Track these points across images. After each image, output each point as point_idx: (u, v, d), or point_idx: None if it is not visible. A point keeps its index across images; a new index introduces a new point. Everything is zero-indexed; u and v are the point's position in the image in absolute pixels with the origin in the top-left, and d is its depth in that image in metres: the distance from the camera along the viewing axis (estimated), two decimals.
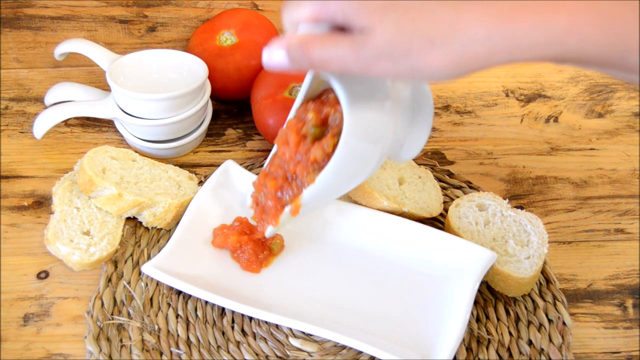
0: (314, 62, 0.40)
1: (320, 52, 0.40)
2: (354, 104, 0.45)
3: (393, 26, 0.38)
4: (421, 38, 0.38)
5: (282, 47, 0.41)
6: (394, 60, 0.39)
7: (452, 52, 0.38)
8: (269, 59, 0.42)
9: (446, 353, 0.50)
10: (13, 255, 0.62)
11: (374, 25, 0.38)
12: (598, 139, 0.78)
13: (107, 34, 0.83)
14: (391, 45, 0.38)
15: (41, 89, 0.81)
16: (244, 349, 0.55)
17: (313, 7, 0.41)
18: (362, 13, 0.39)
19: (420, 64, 0.38)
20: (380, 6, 0.38)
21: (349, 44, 0.39)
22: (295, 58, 0.41)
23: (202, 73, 0.70)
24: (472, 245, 0.58)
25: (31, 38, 0.83)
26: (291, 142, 0.52)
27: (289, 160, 0.53)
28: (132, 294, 0.58)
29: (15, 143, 0.74)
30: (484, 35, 0.37)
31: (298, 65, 0.41)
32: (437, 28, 0.38)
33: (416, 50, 0.38)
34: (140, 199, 0.60)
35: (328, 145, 0.49)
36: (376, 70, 0.40)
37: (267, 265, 0.59)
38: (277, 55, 0.42)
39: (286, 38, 0.41)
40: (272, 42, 0.42)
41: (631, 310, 0.60)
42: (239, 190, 0.64)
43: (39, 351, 0.55)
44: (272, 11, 0.84)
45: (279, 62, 0.42)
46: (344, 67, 0.40)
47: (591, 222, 0.68)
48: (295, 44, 0.41)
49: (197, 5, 0.83)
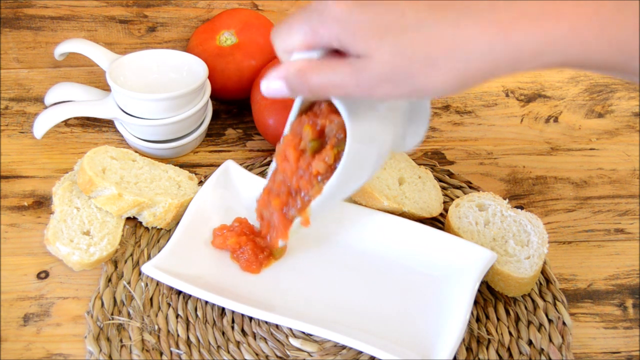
0: (314, 89, 0.40)
1: (319, 79, 0.39)
2: (353, 110, 0.45)
3: (391, 50, 0.37)
4: (422, 59, 0.37)
5: (280, 78, 0.41)
6: (395, 83, 0.38)
7: (454, 70, 0.37)
8: (267, 89, 0.42)
9: (446, 353, 0.50)
10: (13, 255, 0.62)
11: (371, 51, 0.37)
12: (598, 139, 0.78)
13: (107, 34, 0.83)
14: (391, 69, 0.37)
15: (41, 89, 0.81)
16: (244, 349, 0.55)
17: (304, 34, 0.40)
18: (359, 39, 0.38)
19: (422, 85, 0.38)
20: (374, 30, 0.37)
21: (348, 69, 0.39)
22: (294, 87, 0.41)
23: (202, 73, 0.70)
24: (472, 245, 0.58)
25: (31, 38, 0.83)
26: (291, 159, 0.52)
27: (290, 176, 0.52)
28: (132, 294, 0.58)
29: (15, 143, 0.74)
30: (485, 49, 0.37)
31: (298, 93, 0.41)
32: (437, 47, 0.37)
33: (417, 71, 0.37)
34: (140, 199, 0.60)
35: (329, 157, 0.49)
36: (378, 94, 0.39)
37: (267, 266, 0.59)
38: (276, 85, 0.41)
39: (283, 67, 0.41)
40: (269, 72, 0.42)
41: (631, 310, 0.60)
42: (239, 190, 0.64)
43: (39, 351, 0.55)
44: (272, 11, 0.84)
45: (277, 91, 0.41)
46: (344, 92, 0.40)
47: (591, 222, 0.68)
48: (293, 73, 0.40)
49: (197, 5, 0.83)
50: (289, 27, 0.42)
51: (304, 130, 0.51)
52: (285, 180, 0.54)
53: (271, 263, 0.59)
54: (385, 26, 0.37)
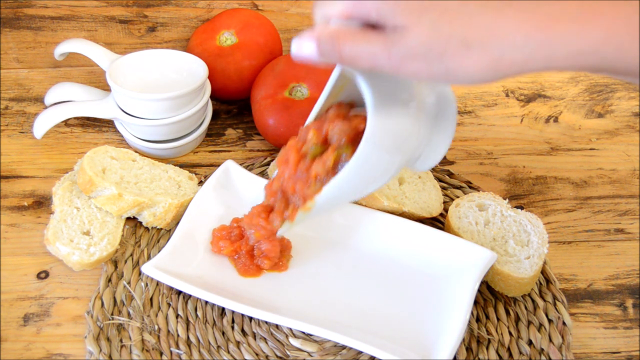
0: (344, 57, 0.39)
1: (352, 47, 0.39)
2: (380, 103, 0.44)
3: (429, 27, 0.37)
4: (458, 40, 0.37)
5: (312, 39, 0.40)
6: (428, 61, 0.38)
7: (488, 56, 0.37)
8: (298, 50, 0.41)
9: (446, 353, 0.50)
10: (13, 255, 0.62)
11: (409, 25, 0.37)
12: (598, 139, 0.78)
13: (107, 34, 0.83)
14: (426, 45, 0.37)
15: (41, 89, 0.81)
16: (244, 349, 0.55)
17: (346, 2, 0.40)
18: (398, 12, 0.38)
19: (455, 67, 0.38)
20: (417, 6, 0.37)
21: (382, 41, 0.38)
22: (325, 51, 0.40)
23: (202, 73, 0.70)
24: (472, 245, 0.58)
25: (31, 38, 0.83)
26: (291, 161, 0.51)
27: (288, 179, 0.52)
28: (132, 294, 0.58)
29: (15, 143, 0.74)
30: (521, 42, 0.37)
31: (327, 58, 0.40)
32: (475, 31, 0.37)
33: (452, 52, 0.37)
34: (140, 199, 0.60)
35: (329, 160, 0.48)
36: (408, 70, 0.38)
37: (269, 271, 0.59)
38: (307, 46, 0.40)
39: (317, 30, 0.40)
40: (302, 33, 0.41)
41: (631, 310, 0.60)
42: (239, 190, 0.64)
43: (39, 351, 0.55)
44: (272, 11, 0.84)
45: (308, 53, 0.41)
46: (374, 64, 0.39)
47: (591, 222, 0.68)
48: (327, 36, 0.40)
49: (197, 5, 0.83)
50: None
51: (309, 134, 0.51)
52: (282, 185, 0.53)
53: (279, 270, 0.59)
54: (428, 3, 0.37)
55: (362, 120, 0.48)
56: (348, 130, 0.48)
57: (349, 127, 0.48)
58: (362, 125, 0.48)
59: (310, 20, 0.85)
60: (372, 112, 0.43)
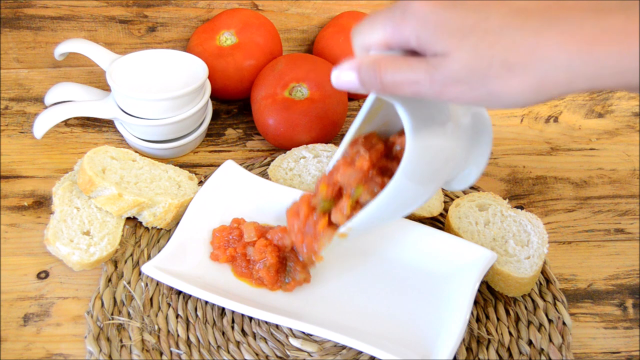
0: (386, 85, 0.39)
1: (393, 75, 0.39)
2: (418, 127, 0.43)
3: (470, 51, 0.37)
4: (500, 63, 0.36)
5: (352, 68, 0.40)
6: (470, 85, 0.37)
7: (531, 79, 0.36)
8: (338, 79, 0.41)
9: (446, 353, 0.50)
10: (13, 255, 0.62)
11: (450, 50, 0.37)
12: (598, 139, 0.78)
13: (107, 34, 0.83)
14: (468, 69, 0.37)
15: (41, 89, 0.81)
16: (244, 349, 0.55)
17: (385, 31, 0.40)
18: (438, 37, 0.37)
19: (497, 90, 0.37)
20: (456, 30, 0.37)
21: (424, 67, 0.38)
22: (366, 79, 0.40)
23: (202, 73, 0.70)
24: (472, 245, 0.58)
25: (31, 38, 0.83)
26: (301, 214, 0.53)
27: (297, 233, 0.53)
28: (132, 294, 0.58)
29: (15, 143, 0.74)
30: (565, 62, 0.36)
31: (368, 86, 0.40)
32: (517, 53, 0.36)
33: (494, 75, 0.37)
34: (140, 199, 0.60)
35: (346, 206, 0.49)
36: (451, 95, 0.38)
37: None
38: (347, 75, 0.40)
39: (357, 59, 0.40)
40: (342, 62, 0.41)
41: (631, 310, 0.60)
42: (238, 190, 0.64)
43: (39, 351, 0.55)
44: (272, 11, 0.84)
45: (348, 82, 0.40)
46: (417, 90, 0.39)
47: (591, 222, 0.68)
48: (367, 65, 0.39)
49: (197, 5, 0.83)
50: (370, 23, 0.41)
51: (320, 188, 0.52)
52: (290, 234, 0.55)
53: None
54: (468, 27, 0.37)
55: (374, 156, 0.49)
56: (355, 175, 0.49)
57: (354, 171, 0.49)
58: (367, 164, 0.49)
59: (310, 20, 0.86)
60: (411, 137, 0.43)
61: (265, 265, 0.57)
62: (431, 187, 0.47)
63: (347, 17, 0.81)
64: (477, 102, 0.39)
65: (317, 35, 0.83)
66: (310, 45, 0.87)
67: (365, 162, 0.49)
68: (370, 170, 0.49)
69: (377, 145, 0.50)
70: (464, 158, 0.48)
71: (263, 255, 0.57)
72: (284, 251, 0.58)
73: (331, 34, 0.80)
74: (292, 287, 0.56)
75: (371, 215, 0.48)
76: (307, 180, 0.67)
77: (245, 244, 0.59)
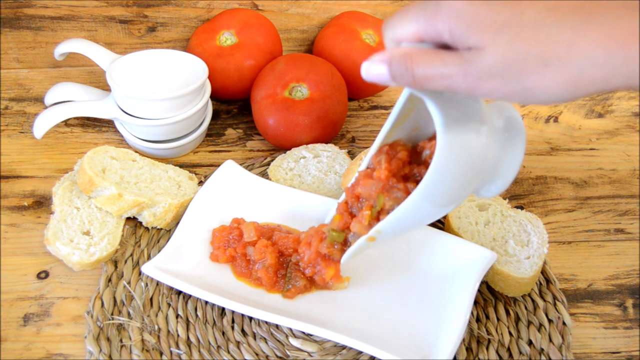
0: (418, 78, 0.38)
1: (425, 68, 0.38)
2: (451, 126, 0.42)
3: (506, 45, 0.36)
4: (535, 58, 0.36)
5: (383, 61, 0.39)
6: (504, 79, 0.37)
7: (567, 74, 0.36)
8: (368, 72, 0.40)
9: (446, 353, 0.50)
10: (13, 255, 0.62)
11: (485, 44, 0.36)
12: (598, 139, 0.78)
13: (107, 34, 0.83)
14: (503, 64, 0.36)
15: (41, 89, 0.81)
16: (244, 349, 0.55)
17: (417, 24, 0.39)
18: (473, 31, 0.37)
19: (532, 85, 0.37)
20: (491, 24, 0.36)
21: (457, 61, 0.37)
22: (397, 73, 0.39)
23: (202, 73, 0.70)
24: (472, 245, 0.58)
25: (31, 38, 0.83)
26: (313, 246, 0.55)
27: (307, 263, 0.56)
28: (132, 294, 0.58)
29: (15, 143, 0.74)
30: (602, 59, 0.35)
31: (399, 80, 0.39)
32: (553, 49, 0.36)
33: (529, 70, 0.36)
34: (140, 199, 0.60)
35: (364, 217, 0.49)
36: (484, 89, 0.38)
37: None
38: (378, 68, 0.40)
39: (388, 51, 0.39)
40: (372, 56, 0.40)
41: (631, 310, 0.60)
42: (238, 190, 0.64)
43: (39, 351, 0.55)
44: (272, 11, 0.84)
45: (378, 75, 0.40)
46: (449, 84, 0.38)
47: (591, 222, 0.68)
48: (399, 58, 0.39)
49: (197, 5, 0.83)
50: (402, 16, 0.40)
51: (334, 217, 0.53)
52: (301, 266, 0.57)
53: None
54: (503, 21, 0.36)
55: (395, 165, 0.49)
56: (375, 185, 0.49)
57: (374, 182, 0.49)
58: (385, 174, 0.48)
59: (310, 20, 0.86)
60: (442, 132, 0.41)
61: (264, 266, 0.57)
62: (462, 190, 0.45)
63: (347, 17, 0.81)
64: (511, 97, 0.38)
65: (317, 35, 0.83)
66: (310, 45, 0.87)
67: (383, 171, 0.48)
68: (390, 179, 0.48)
69: (400, 154, 0.49)
70: (495, 163, 0.46)
71: (263, 255, 0.57)
72: (286, 255, 0.58)
73: (331, 34, 0.80)
74: (293, 294, 0.56)
75: (401, 216, 0.46)
76: (307, 180, 0.67)
77: (245, 244, 0.59)
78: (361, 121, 0.80)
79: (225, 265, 0.59)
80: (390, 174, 0.48)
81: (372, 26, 0.80)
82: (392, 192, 0.48)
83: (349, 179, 0.62)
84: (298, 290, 0.56)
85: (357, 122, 0.80)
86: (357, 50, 0.77)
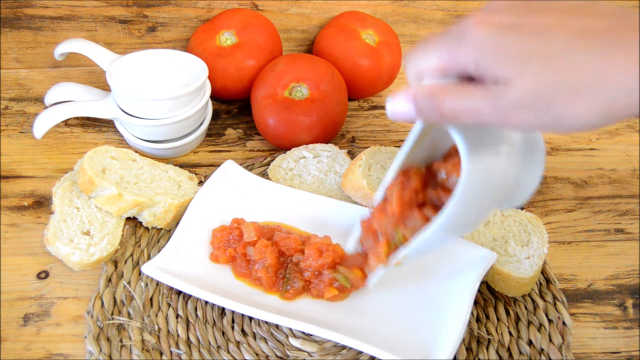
0: (445, 114, 0.38)
1: (453, 103, 0.37)
2: (473, 151, 0.41)
3: (534, 76, 0.35)
4: (566, 87, 0.35)
5: (408, 98, 0.39)
6: (535, 111, 0.36)
7: (599, 102, 0.35)
8: (393, 110, 0.40)
9: (446, 353, 0.50)
10: (13, 255, 0.62)
11: (512, 76, 0.36)
12: (598, 139, 0.78)
13: (107, 34, 0.83)
14: (533, 95, 0.35)
15: (41, 89, 0.81)
16: (244, 349, 0.55)
17: (441, 56, 0.38)
18: (499, 63, 0.36)
19: (564, 114, 0.36)
20: (517, 55, 0.36)
21: (485, 94, 0.37)
22: (423, 109, 0.38)
23: (202, 73, 0.70)
24: (472, 245, 0.58)
25: (31, 38, 0.83)
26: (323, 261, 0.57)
27: (312, 269, 0.57)
28: (132, 294, 0.58)
29: (15, 143, 0.74)
30: (632, 85, 0.35)
31: (426, 117, 0.39)
32: (583, 76, 0.35)
33: (560, 100, 0.35)
34: (140, 199, 0.60)
35: (382, 252, 0.50)
36: (514, 121, 0.37)
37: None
38: (403, 106, 0.39)
39: (412, 88, 0.39)
40: (397, 93, 0.40)
41: (631, 310, 0.60)
42: (238, 190, 0.64)
43: (39, 351, 0.55)
44: (272, 11, 0.84)
45: (404, 113, 0.39)
46: (478, 119, 0.37)
47: (591, 222, 0.68)
48: (424, 94, 0.38)
49: (197, 5, 0.83)
50: (424, 49, 0.40)
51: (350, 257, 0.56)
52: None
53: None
54: (529, 51, 0.35)
55: (407, 195, 0.49)
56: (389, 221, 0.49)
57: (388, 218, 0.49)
58: (397, 209, 0.48)
59: (310, 20, 0.86)
60: (466, 162, 0.41)
61: (264, 266, 0.57)
62: (485, 213, 0.46)
63: (347, 17, 0.81)
64: (543, 127, 0.37)
65: (317, 35, 0.83)
66: (310, 45, 0.87)
67: (396, 207, 0.48)
68: (404, 213, 0.48)
69: (413, 183, 0.49)
70: (515, 180, 0.46)
71: (263, 255, 0.57)
72: (286, 255, 0.58)
73: (331, 34, 0.80)
74: (291, 296, 0.56)
75: (428, 239, 0.46)
76: (307, 181, 0.67)
77: (245, 244, 0.59)
78: (361, 121, 0.80)
79: (225, 265, 0.59)
80: (403, 207, 0.48)
81: (372, 26, 0.80)
82: (408, 222, 0.48)
83: (349, 179, 0.62)
84: (296, 292, 0.56)
85: (357, 122, 0.80)
86: (357, 50, 0.78)
